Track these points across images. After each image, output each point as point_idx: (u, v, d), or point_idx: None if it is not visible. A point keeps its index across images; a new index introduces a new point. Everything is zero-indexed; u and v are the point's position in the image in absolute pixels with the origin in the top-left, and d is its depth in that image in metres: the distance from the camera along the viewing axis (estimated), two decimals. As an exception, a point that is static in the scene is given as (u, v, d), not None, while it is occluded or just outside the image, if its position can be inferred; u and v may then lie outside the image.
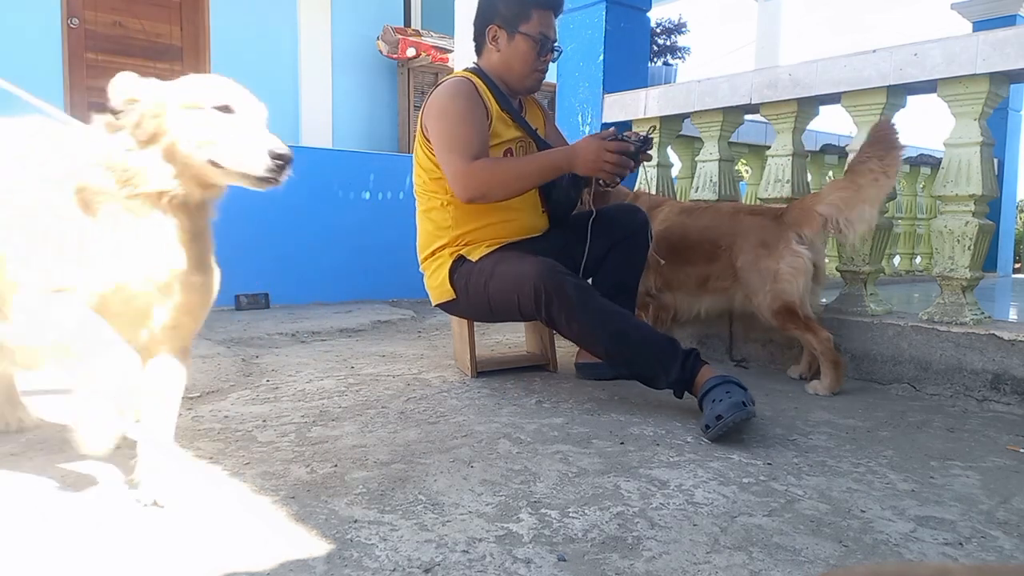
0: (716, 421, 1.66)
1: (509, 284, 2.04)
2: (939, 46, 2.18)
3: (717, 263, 2.35)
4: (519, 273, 2.01)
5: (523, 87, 2.29)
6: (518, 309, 2.06)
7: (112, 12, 5.45)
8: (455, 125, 2.08)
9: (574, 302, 1.92)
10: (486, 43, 2.25)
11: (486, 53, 2.27)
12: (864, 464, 1.56)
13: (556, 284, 1.93)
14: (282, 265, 3.98)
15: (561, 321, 1.97)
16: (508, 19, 2.19)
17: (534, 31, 2.18)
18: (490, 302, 2.12)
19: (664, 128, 3.12)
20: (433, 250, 2.26)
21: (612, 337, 1.92)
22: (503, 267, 2.08)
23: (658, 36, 14.15)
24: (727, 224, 2.37)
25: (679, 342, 1.91)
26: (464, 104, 2.10)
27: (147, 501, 1.26)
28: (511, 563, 1.08)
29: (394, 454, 1.56)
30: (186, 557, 1.09)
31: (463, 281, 2.17)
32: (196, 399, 1.99)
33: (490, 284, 2.10)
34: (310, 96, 6.04)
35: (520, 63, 2.22)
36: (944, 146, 2.26)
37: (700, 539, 1.18)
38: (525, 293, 1.99)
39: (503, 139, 2.22)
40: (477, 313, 2.24)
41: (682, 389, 1.88)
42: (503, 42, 2.21)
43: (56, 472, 1.42)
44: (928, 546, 1.18)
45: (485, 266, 2.13)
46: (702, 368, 1.84)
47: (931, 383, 2.22)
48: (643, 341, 1.90)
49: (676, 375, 1.85)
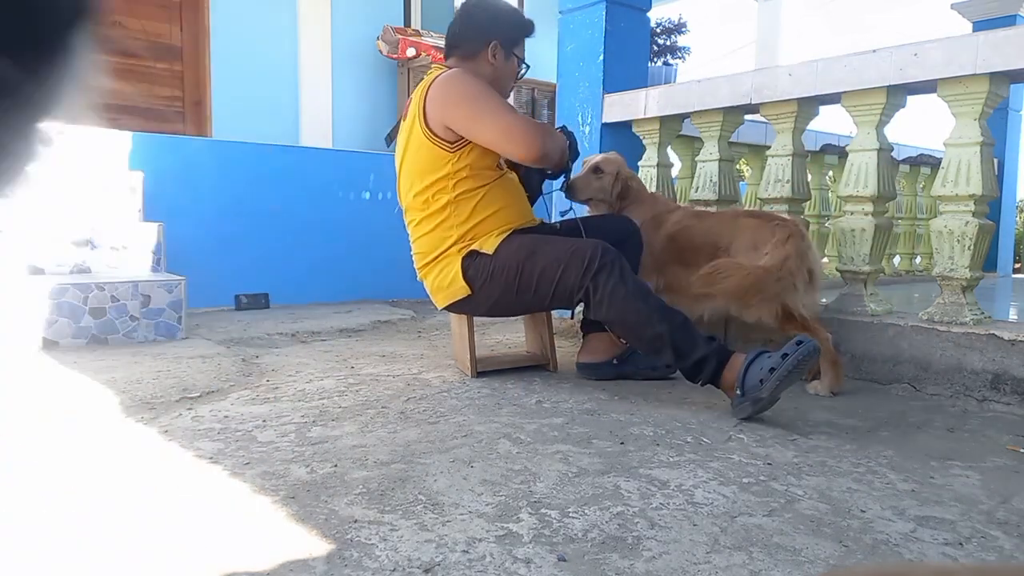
0: (782, 360, 1.79)
1: (558, 259, 2.10)
2: (939, 46, 2.18)
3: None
4: (574, 247, 2.10)
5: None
6: (553, 288, 2.11)
7: (112, 12, 5.45)
8: (491, 98, 2.18)
9: (627, 273, 2.05)
10: (484, 54, 2.33)
11: (479, 62, 2.33)
12: (864, 464, 1.56)
13: (612, 253, 2.06)
14: (282, 265, 3.98)
15: (608, 288, 2.03)
16: (508, 40, 2.36)
17: (521, 54, 2.41)
18: (520, 283, 2.15)
19: (664, 128, 3.12)
20: (438, 254, 2.25)
21: (656, 308, 2.02)
22: (547, 246, 2.15)
23: (658, 36, 14.15)
24: (727, 226, 2.38)
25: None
26: (481, 83, 2.20)
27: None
28: (511, 563, 1.08)
29: (394, 454, 1.56)
30: (186, 557, 1.09)
31: (483, 273, 2.18)
32: (196, 399, 1.99)
33: (527, 264, 2.13)
34: (310, 96, 6.04)
35: (506, 80, 2.40)
36: (944, 146, 2.26)
37: (700, 539, 1.18)
38: (576, 264, 2.06)
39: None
40: (495, 303, 2.23)
41: (716, 366, 1.95)
42: (500, 59, 2.35)
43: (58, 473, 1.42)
44: (928, 546, 1.18)
45: (515, 249, 2.16)
46: (733, 354, 1.96)
47: (931, 383, 2.22)
48: (685, 317, 2.03)
49: (716, 348, 1.96)
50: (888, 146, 2.43)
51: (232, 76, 5.74)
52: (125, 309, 2.76)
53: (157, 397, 1.98)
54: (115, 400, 1.93)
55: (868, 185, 2.40)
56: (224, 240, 3.80)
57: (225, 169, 3.82)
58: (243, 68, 5.78)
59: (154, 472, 1.44)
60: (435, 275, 2.27)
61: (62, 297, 2.63)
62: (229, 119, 5.71)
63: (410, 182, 2.25)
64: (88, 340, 2.69)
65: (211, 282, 3.68)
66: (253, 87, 5.80)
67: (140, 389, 2.05)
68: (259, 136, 4.69)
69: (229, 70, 5.74)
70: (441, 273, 2.25)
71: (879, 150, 2.40)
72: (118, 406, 1.88)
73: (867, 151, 2.42)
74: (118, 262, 3.05)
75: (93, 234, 3.00)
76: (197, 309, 3.57)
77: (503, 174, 2.29)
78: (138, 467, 1.46)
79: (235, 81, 5.74)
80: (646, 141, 3.20)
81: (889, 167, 2.44)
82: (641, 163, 3.21)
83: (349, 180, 4.25)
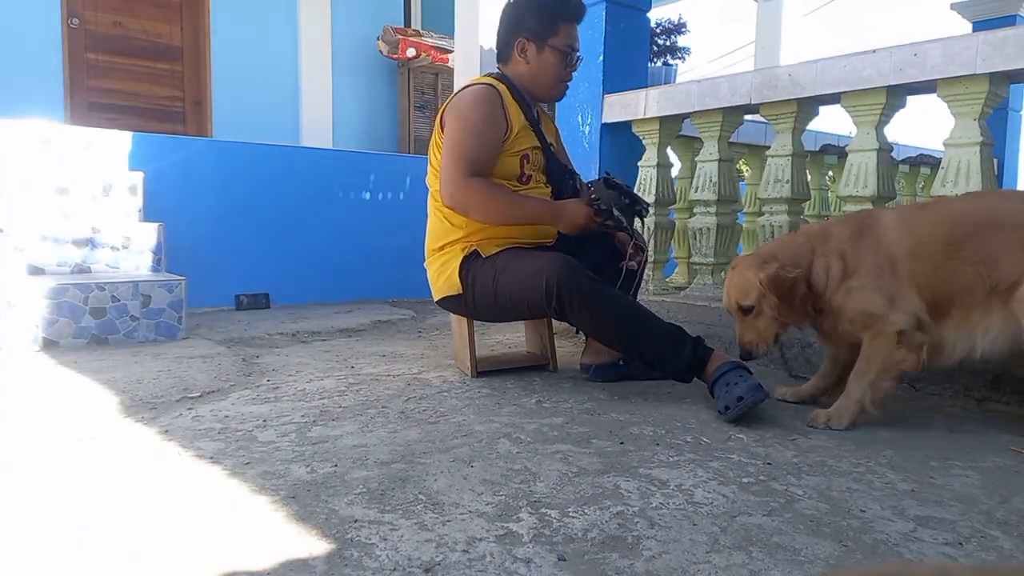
0: (737, 402, 1.79)
1: (522, 280, 2.08)
2: (939, 46, 2.18)
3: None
4: (534, 268, 2.06)
5: (549, 97, 2.38)
6: (526, 305, 2.11)
7: (112, 12, 5.45)
8: (467, 135, 2.13)
9: (588, 294, 2.01)
10: (514, 54, 2.28)
11: (513, 63, 2.30)
12: (864, 464, 1.56)
13: (572, 277, 2.01)
14: (282, 265, 3.98)
15: (574, 313, 2.04)
16: (537, 32, 2.24)
17: (561, 44, 2.25)
18: (496, 297, 2.15)
19: (664, 128, 3.12)
20: (443, 244, 2.27)
21: (624, 323, 2.02)
22: (516, 263, 2.12)
23: (658, 36, 14.16)
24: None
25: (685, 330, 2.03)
26: (483, 116, 2.14)
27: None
28: (511, 563, 1.08)
29: (394, 454, 1.56)
30: (186, 557, 1.09)
31: (472, 277, 2.18)
32: (196, 399, 1.99)
33: (500, 279, 2.13)
34: (310, 96, 6.05)
35: (548, 75, 2.28)
36: (944, 146, 2.26)
37: (700, 539, 1.18)
38: (537, 287, 2.04)
39: (523, 147, 2.25)
40: (480, 309, 2.25)
41: (692, 374, 1.99)
42: (532, 54, 2.26)
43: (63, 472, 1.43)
44: (928, 546, 1.18)
45: (495, 263, 2.16)
46: (713, 354, 1.97)
47: (931, 383, 2.22)
48: (654, 327, 2.03)
49: (688, 359, 1.97)
50: (888, 146, 2.43)
51: (232, 76, 5.74)
52: (125, 309, 2.76)
53: (157, 397, 1.98)
54: (115, 400, 1.93)
55: (868, 185, 2.40)
56: (224, 240, 3.80)
57: (225, 169, 3.82)
58: (243, 68, 5.78)
59: (154, 472, 1.44)
60: (437, 265, 2.29)
61: (62, 297, 2.63)
62: (229, 119, 5.72)
63: (431, 172, 2.31)
64: (88, 340, 2.69)
65: (211, 282, 3.68)
66: (253, 87, 5.80)
67: (140, 389, 2.05)
68: (259, 136, 4.69)
69: (229, 70, 5.74)
70: (442, 265, 2.26)
71: (879, 150, 2.40)
72: (118, 406, 1.88)
73: (867, 151, 2.42)
74: (118, 262, 3.05)
75: (93, 234, 3.00)
76: (197, 309, 3.57)
77: (527, 187, 2.26)
78: (138, 467, 1.46)
79: (235, 81, 5.75)
80: (646, 141, 3.20)
81: (889, 167, 2.44)
82: (641, 163, 3.21)
83: (349, 180, 4.25)
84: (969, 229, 1.75)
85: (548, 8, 2.24)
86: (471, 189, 2.11)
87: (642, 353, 2.05)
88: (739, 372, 1.88)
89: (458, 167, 2.11)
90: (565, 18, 2.25)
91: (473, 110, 2.15)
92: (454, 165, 2.12)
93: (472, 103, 2.16)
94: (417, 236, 2.54)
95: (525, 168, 2.26)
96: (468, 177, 2.11)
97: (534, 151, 2.29)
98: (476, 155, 2.13)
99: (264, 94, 5.86)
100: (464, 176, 2.11)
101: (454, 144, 2.14)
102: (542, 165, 2.33)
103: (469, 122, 2.14)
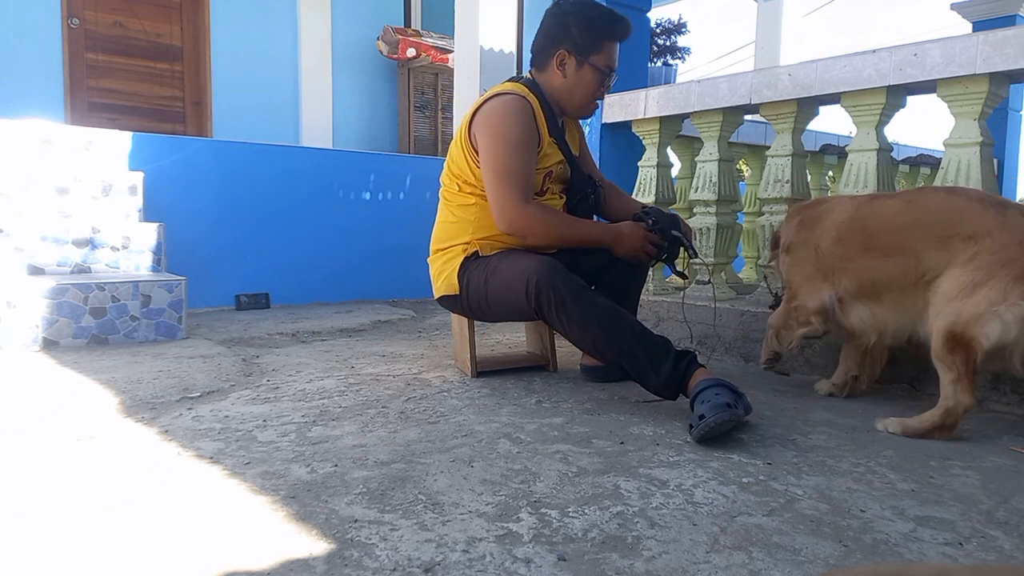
0: (699, 421, 1.64)
1: (508, 281, 2.06)
2: (939, 46, 2.18)
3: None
4: (519, 270, 2.03)
5: (579, 115, 2.33)
6: (514, 307, 2.09)
7: (112, 12, 5.45)
8: (512, 154, 2.07)
9: (565, 297, 1.95)
10: (551, 65, 2.21)
11: (548, 73, 2.22)
12: (864, 464, 1.56)
13: (549, 279, 1.96)
14: (282, 265, 3.98)
15: (553, 316, 1.99)
16: (580, 47, 2.16)
17: (602, 63, 2.19)
18: (487, 299, 2.14)
19: (664, 128, 3.12)
20: (448, 245, 2.26)
21: (603, 334, 1.93)
22: (504, 265, 2.10)
23: (658, 36, 14.17)
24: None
25: (672, 343, 1.91)
26: (523, 131, 2.08)
27: None
28: (511, 563, 1.08)
29: (394, 454, 1.56)
30: (187, 557, 1.09)
31: (468, 277, 2.18)
32: (196, 399, 1.99)
33: (490, 281, 2.12)
34: (310, 96, 6.05)
35: (583, 92, 2.22)
36: (944, 146, 2.26)
37: (700, 539, 1.18)
38: (520, 289, 2.01)
39: (549, 163, 2.21)
40: (475, 310, 2.25)
41: (674, 390, 1.86)
42: (571, 69, 2.19)
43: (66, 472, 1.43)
44: (928, 546, 1.18)
45: (487, 264, 2.14)
46: (696, 370, 1.83)
47: (931, 383, 2.21)
48: (635, 338, 1.90)
49: (667, 375, 1.84)
50: (888, 146, 2.43)
51: (232, 76, 5.75)
52: (125, 309, 2.76)
53: (157, 397, 1.98)
54: (115, 400, 1.93)
55: (868, 185, 2.40)
56: (224, 240, 3.80)
57: (225, 169, 3.82)
58: (243, 68, 5.78)
59: (154, 472, 1.44)
60: (439, 264, 2.28)
61: (62, 297, 2.64)
62: (229, 119, 5.72)
63: (446, 171, 2.28)
64: (88, 340, 2.69)
65: (211, 282, 3.68)
66: (253, 87, 5.81)
67: (140, 389, 2.05)
68: (259, 136, 4.70)
69: (229, 70, 5.75)
70: (444, 264, 2.26)
71: (879, 150, 2.40)
72: (118, 406, 1.89)
73: (867, 151, 2.42)
74: (118, 262, 3.05)
75: (93, 234, 3.00)
76: (197, 309, 3.57)
77: (542, 199, 2.22)
78: (138, 467, 1.46)
79: (235, 81, 5.75)
80: (646, 141, 3.20)
81: (889, 167, 2.44)
82: (641, 163, 3.21)
83: (349, 180, 4.25)
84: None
85: (596, 24, 2.16)
86: (529, 216, 2.07)
87: (620, 364, 1.95)
88: (715, 389, 1.71)
89: (512, 192, 2.06)
90: (611, 37, 2.18)
91: (513, 127, 2.08)
92: (507, 191, 2.06)
93: (510, 119, 2.09)
94: (417, 236, 2.55)
95: (546, 183, 2.23)
96: (525, 204, 2.06)
97: (558, 165, 2.25)
98: (524, 177, 2.08)
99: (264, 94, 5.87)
100: (521, 203, 2.06)
101: (500, 166, 2.07)
102: (565, 178, 2.29)
103: (512, 142, 2.07)
